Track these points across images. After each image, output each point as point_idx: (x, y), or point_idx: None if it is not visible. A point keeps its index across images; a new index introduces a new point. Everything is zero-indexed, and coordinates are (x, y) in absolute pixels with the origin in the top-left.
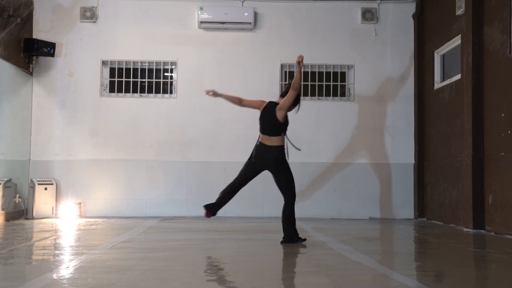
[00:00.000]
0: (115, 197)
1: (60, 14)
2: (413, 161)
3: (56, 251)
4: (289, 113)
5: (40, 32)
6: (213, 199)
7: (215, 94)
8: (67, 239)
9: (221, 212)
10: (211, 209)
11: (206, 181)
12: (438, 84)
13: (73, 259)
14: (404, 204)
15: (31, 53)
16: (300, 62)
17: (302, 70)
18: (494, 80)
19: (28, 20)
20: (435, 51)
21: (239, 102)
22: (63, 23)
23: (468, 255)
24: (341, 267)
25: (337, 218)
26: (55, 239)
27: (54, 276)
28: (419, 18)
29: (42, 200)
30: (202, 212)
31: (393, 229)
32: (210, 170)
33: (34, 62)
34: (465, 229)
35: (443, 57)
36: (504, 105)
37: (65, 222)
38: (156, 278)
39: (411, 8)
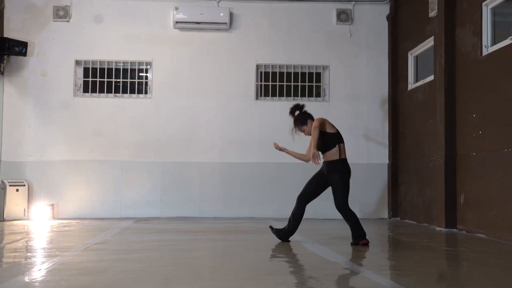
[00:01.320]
0: (89, 198)
1: (33, 13)
2: (387, 161)
3: (28, 254)
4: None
5: (11, 31)
6: (188, 200)
7: (280, 148)
8: (40, 241)
9: (196, 213)
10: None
11: (181, 182)
12: (411, 85)
13: (46, 262)
14: (378, 204)
15: (2, 52)
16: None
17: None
18: (466, 82)
19: None
20: (409, 53)
21: (307, 155)
22: (36, 22)
23: (440, 253)
24: (316, 267)
25: (312, 218)
26: (27, 241)
27: (26, 279)
28: (393, 20)
29: (14, 202)
30: (180, 213)
31: (367, 229)
32: (186, 171)
33: (5, 61)
34: (437, 228)
35: (417, 58)
36: (476, 106)
37: (37, 224)
38: (131, 279)
39: (385, 9)
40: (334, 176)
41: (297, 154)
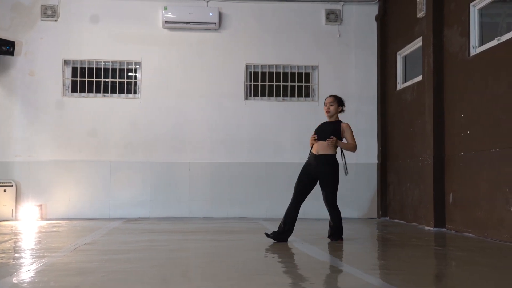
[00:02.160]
0: (78, 198)
1: (20, 12)
2: (376, 161)
3: (16, 254)
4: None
5: None
6: (178, 200)
7: (336, 142)
8: (28, 241)
9: (186, 213)
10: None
11: (171, 182)
12: (400, 85)
13: (34, 262)
14: (367, 204)
15: None
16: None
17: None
18: (454, 82)
19: None
20: (397, 53)
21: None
22: (23, 21)
23: (429, 253)
24: (306, 266)
25: (302, 218)
26: (14, 242)
27: (14, 280)
28: (382, 20)
29: (1, 202)
30: (170, 213)
31: (356, 228)
32: (175, 171)
33: None
34: (426, 228)
35: (405, 58)
36: (464, 106)
37: (25, 224)
38: (120, 280)
39: (374, 10)
40: (326, 168)
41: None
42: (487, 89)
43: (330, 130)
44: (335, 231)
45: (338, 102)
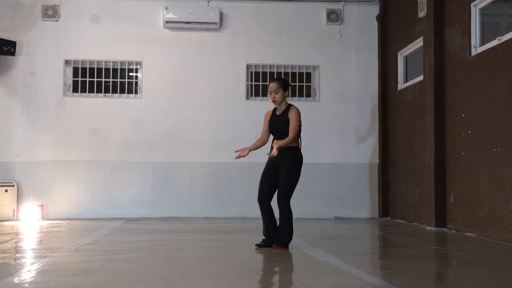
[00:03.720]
0: (78, 198)
1: (21, 12)
2: (377, 161)
3: (17, 254)
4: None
5: None
6: (179, 200)
7: (247, 151)
8: (29, 242)
9: (186, 213)
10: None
11: (171, 182)
12: (401, 85)
13: (35, 262)
14: (368, 204)
15: None
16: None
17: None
18: (455, 82)
19: None
20: (398, 53)
21: (263, 140)
22: (24, 21)
23: (430, 252)
24: (306, 266)
25: (302, 218)
26: (16, 242)
27: (16, 280)
28: (383, 20)
29: (3, 203)
30: (171, 213)
31: (358, 228)
32: (176, 171)
33: None
34: (427, 228)
35: (406, 58)
36: (465, 105)
37: (26, 224)
38: (121, 280)
39: (375, 10)
40: (286, 160)
41: (254, 145)
42: (488, 89)
43: (284, 127)
44: (281, 233)
45: (283, 86)
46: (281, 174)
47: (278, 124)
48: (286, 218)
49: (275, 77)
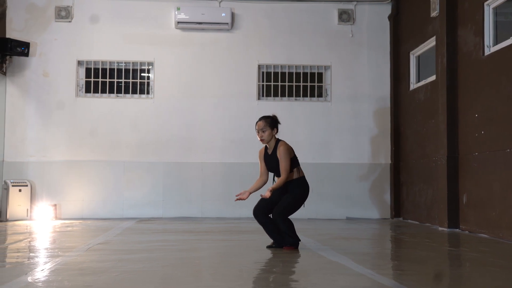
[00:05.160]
0: (91, 198)
1: (34, 13)
2: (389, 161)
3: (31, 254)
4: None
5: (13, 31)
6: (190, 200)
7: (247, 194)
8: (42, 241)
9: (198, 213)
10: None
11: (183, 182)
12: (413, 85)
13: (49, 262)
14: (380, 204)
15: (5, 52)
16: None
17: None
18: (468, 81)
19: (1, 19)
20: (411, 53)
21: (263, 180)
22: (38, 22)
23: (443, 253)
24: (318, 266)
25: (314, 218)
26: (29, 241)
27: (29, 279)
28: (395, 20)
29: (16, 202)
30: (182, 213)
31: (369, 229)
32: (187, 171)
33: (7, 61)
34: (440, 228)
35: (419, 58)
36: (478, 105)
37: (40, 224)
38: (133, 280)
39: (387, 9)
40: (294, 188)
41: (254, 187)
42: (502, 89)
43: (277, 166)
44: (287, 239)
45: (271, 124)
46: (285, 195)
47: (271, 163)
48: (287, 228)
49: (263, 115)
